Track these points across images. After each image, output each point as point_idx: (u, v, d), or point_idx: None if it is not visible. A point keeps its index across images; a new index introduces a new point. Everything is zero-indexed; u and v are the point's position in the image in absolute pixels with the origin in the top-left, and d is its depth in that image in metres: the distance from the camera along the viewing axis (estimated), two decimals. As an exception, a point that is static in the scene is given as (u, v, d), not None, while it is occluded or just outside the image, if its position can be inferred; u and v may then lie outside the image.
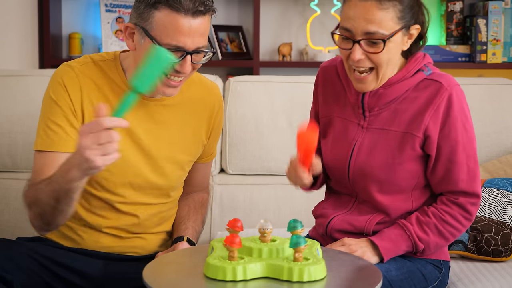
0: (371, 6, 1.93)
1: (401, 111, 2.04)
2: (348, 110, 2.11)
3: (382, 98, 2.05)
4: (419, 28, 2.02)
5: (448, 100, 2.01)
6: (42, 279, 2.01)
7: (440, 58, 3.76)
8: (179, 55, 1.98)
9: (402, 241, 2.03)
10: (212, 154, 2.33)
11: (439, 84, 2.03)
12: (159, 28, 1.96)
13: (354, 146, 2.07)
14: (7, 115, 2.79)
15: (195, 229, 2.25)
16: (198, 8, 1.96)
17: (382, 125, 2.06)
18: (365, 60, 1.98)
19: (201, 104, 2.21)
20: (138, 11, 2.00)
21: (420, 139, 2.02)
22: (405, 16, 1.97)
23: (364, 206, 2.10)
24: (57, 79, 2.08)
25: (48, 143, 2.03)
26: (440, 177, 2.04)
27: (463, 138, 2.02)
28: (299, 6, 3.85)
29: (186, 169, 2.24)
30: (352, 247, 2.01)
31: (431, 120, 2.01)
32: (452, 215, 2.04)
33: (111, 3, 3.72)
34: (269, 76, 2.97)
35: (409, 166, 2.04)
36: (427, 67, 2.06)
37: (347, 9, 1.97)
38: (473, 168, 2.04)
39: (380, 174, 2.04)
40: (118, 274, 2.10)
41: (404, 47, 2.02)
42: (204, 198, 2.37)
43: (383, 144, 2.05)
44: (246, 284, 1.68)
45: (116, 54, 2.14)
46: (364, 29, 1.94)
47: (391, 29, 1.95)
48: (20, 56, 3.71)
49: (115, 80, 2.10)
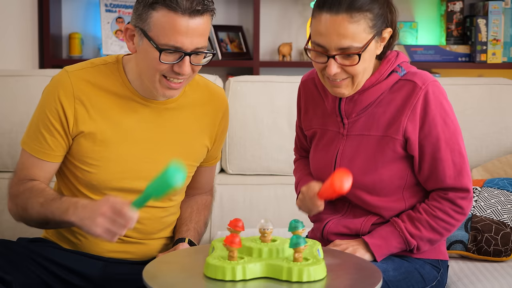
0: (342, 20, 1.91)
1: (378, 114, 2.04)
2: (328, 120, 2.11)
3: (358, 103, 2.04)
4: (391, 31, 2.01)
5: (424, 98, 2.00)
6: (42, 280, 2.01)
7: (440, 58, 3.76)
8: (177, 56, 1.97)
9: (393, 237, 2.02)
10: (216, 158, 2.32)
11: (413, 83, 2.01)
12: (156, 29, 1.95)
13: (337, 155, 2.08)
14: (7, 115, 2.79)
15: (197, 231, 2.24)
16: (195, 7, 1.94)
17: (361, 131, 2.06)
18: (341, 73, 1.97)
19: (206, 108, 2.20)
20: (137, 12, 2.00)
21: (401, 141, 2.01)
22: (376, 24, 1.95)
23: (358, 209, 2.09)
24: (52, 89, 2.09)
25: (34, 149, 2.09)
26: (427, 175, 2.04)
27: (445, 134, 2.01)
28: (299, 6, 3.86)
29: (189, 174, 2.22)
30: (342, 246, 2.01)
31: (408, 121, 2.00)
32: (443, 210, 2.03)
33: (111, 3, 3.72)
34: (269, 76, 2.97)
35: (394, 167, 2.03)
36: (401, 67, 2.04)
37: (317, 24, 1.95)
38: (459, 162, 2.02)
39: (365, 179, 2.04)
40: (118, 275, 2.09)
41: (378, 51, 2.01)
42: (207, 201, 2.36)
43: (364, 149, 2.04)
44: (245, 284, 1.68)
45: (119, 57, 2.13)
46: (338, 45, 1.92)
47: (364, 40, 1.93)
48: (20, 56, 3.71)
49: (116, 82, 2.10)
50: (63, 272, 2.05)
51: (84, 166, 2.09)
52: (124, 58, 2.13)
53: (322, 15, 1.93)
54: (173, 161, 1.75)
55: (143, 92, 2.10)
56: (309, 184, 2.06)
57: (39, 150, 2.08)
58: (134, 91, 2.09)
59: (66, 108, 2.06)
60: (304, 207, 2.09)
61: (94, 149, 2.08)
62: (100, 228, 1.84)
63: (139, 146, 2.10)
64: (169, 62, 1.97)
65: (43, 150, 2.08)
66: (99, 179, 2.08)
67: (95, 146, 2.08)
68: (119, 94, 2.09)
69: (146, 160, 2.11)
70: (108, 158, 2.08)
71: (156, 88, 2.02)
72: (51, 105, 2.07)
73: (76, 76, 2.08)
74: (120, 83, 2.10)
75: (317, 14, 1.95)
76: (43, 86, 2.16)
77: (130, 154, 2.09)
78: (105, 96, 2.09)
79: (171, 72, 1.99)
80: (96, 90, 2.08)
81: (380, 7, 1.95)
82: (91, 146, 2.08)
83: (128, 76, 2.10)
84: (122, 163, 2.09)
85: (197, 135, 2.19)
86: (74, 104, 2.06)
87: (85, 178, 2.09)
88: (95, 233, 1.86)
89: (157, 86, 2.02)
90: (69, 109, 2.06)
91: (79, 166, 2.09)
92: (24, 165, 2.11)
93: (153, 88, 2.04)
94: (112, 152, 2.08)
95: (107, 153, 2.08)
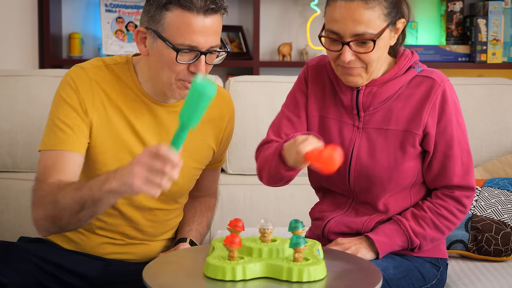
0: (357, 6, 1.92)
1: (397, 109, 2.04)
2: (341, 112, 2.09)
3: (377, 96, 2.04)
4: (405, 22, 2.02)
5: (442, 95, 2.02)
6: (39, 281, 1.99)
7: (440, 58, 3.76)
8: (193, 56, 1.96)
9: (397, 235, 2.03)
10: (221, 161, 2.32)
11: (432, 80, 2.03)
12: (171, 29, 1.94)
13: (352, 149, 2.07)
14: (7, 115, 2.79)
15: (199, 232, 2.24)
16: (209, 6, 1.95)
17: (379, 125, 2.05)
18: (355, 61, 1.97)
19: (213, 111, 2.17)
20: (149, 14, 1.98)
21: (420, 136, 2.03)
22: (391, 12, 1.96)
23: (361, 207, 2.09)
24: (68, 81, 2.05)
25: (57, 142, 2.00)
26: (436, 173, 2.05)
27: (457, 132, 2.03)
28: (299, 6, 3.85)
29: (195, 177, 2.22)
30: (345, 245, 2.01)
31: (429, 116, 2.02)
32: (447, 209, 2.04)
33: (111, 3, 3.71)
34: (269, 76, 2.97)
35: (410, 164, 2.04)
36: (417, 64, 2.07)
37: (332, 11, 1.95)
38: (466, 161, 2.05)
39: (384, 175, 2.03)
40: (118, 275, 2.09)
41: (392, 42, 2.02)
42: (211, 203, 2.35)
43: (383, 144, 2.05)
44: (245, 284, 1.68)
45: (129, 58, 2.12)
46: (353, 31, 1.93)
47: (379, 27, 1.94)
48: (20, 56, 3.71)
49: (127, 83, 2.08)
50: (61, 273, 2.03)
51: (94, 163, 2.06)
52: (133, 58, 2.12)
53: (337, 2, 1.94)
54: (196, 77, 1.63)
55: (153, 94, 2.08)
56: (308, 137, 1.87)
57: (59, 141, 2.00)
58: (144, 93, 2.08)
59: (86, 102, 2.02)
60: (287, 153, 1.93)
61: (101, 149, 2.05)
62: (138, 179, 1.67)
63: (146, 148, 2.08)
64: (185, 62, 1.96)
65: (64, 138, 2.00)
66: None
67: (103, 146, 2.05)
68: (129, 96, 2.08)
69: None
70: (115, 159, 2.05)
71: (172, 90, 2.00)
72: (71, 96, 2.02)
73: (93, 72, 2.06)
74: (130, 85, 2.08)
75: (332, 2, 1.96)
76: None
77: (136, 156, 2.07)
78: (116, 96, 2.07)
79: (187, 74, 1.97)
80: (108, 90, 2.06)
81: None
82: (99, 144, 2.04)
83: (138, 77, 2.09)
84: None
85: (204, 138, 2.18)
86: (93, 100, 2.03)
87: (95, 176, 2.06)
88: (134, 186, 1.68)
89: (173, 87, 1.99)
90: (88, 104, 2.02)
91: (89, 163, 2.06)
92: (45, 167, 2.00)
93: (168, 90, 2.01)
94: (119, 153, 2.06)
95: (114, 154, 2.06)
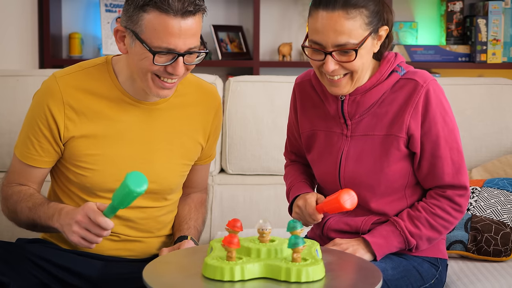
0: (338, 17, 1.93)
1: (382, 114, 2.05)
2: (330, 122, 2.11)
3: (361, 105, 2.06)
4: (387, 29, 2.03)
5: (425, 96, 2.02)
6: (40, 281, 2.01)
7: (440, 58, 3.76)
8: (170, 57, 1.96)
9: (394, 237, 2.04)
10: (211, 156, 2.32)
11: (414, 82, 2.03)
12: (149, 31, 1.94)
13: (341, 156, 2.08)
14: (7, 115, 2.79)
15: (197, 229, 2.25)
16: (187, 8, 1.93)
17: (365, 131, 2.07)
18: (339, 69, 1.99)
19: (198, 107, 2.19)
20: (127, 14, 1.98)
21: (404, 139, 2.03)
22: (372, 21, 1.97)
23: (359, 209, 2.09)
24: (41, 96, 2.09)
25: (25, 156, 2.11)
26: (426, 173, 2.05)
27: (444, 131, 2.03)
28: (299, 6, 3.85)
29: (183, 173, 2.22)
30: (343, 245, 2.02)
31: (411, 119, 2.02)
32: (441, 208, 2.05)
33: (111, 3, 3.72)
34: (269, 76, 2.97)
35: (398, 166, 2.05)
36: (400, 67, 2.07)
37: (314, 22, 1.97)
38: (457, 160, 2.05)
39: (371, 179, 2.05)
40: (118, 274, 2.09)
41: (375, 49, 2.03)
42: (203, 198, 2.36)
43: (369, 149, 2.06)
44: (244, 285, 1.68)
45: (108, 58, 2.12)
46: (334, 41, 1.94)
47: (361, 36, 1.95)
48: (20, 56, 3.71)
49: (106, 84, 2.08)
50: (61, 273, 2.04)
51: (77, 169, 2.09)
52: (113, 59, 2.12)
53: (319, 12, 1.95)
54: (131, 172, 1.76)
55: (134, 93, 2.09)
56: (305, 198, 2.08)
57: (27, 156, 2.10)
58: (125, 92, 2.09)
59: (55, 115, 2.06)
60: (302, 220, 2.09)
61: (86, 152, 2.07)
62: (76, 236, 1.90)
63: (132, 147, 2.10)
64: (162, 63, 1.96)
65: (31, 156, 2.10)
66: (93, 181, 2.08)
67: (87, 150, 2.07)
68: (110, 96, 2.08)
69: (140, 161, 2.10)
70: (101, 160, 2.07)
71: (149, 88, 2.01)
72: (40, 112, 2.07)
73: (65, 82, 2.07)
74: (110, 85, 2.09)
75: (314, 12, 1.97)
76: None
77: (123, 156, 2.09)
78: (95, 99, 2.07)
79: (164, 72, 1.98)
80: (86, 94, 2.07)
81: (376, 4, 1.97)
82: (83, 149, 2.07)
83: (118, 77, 2.09)
84: (115, 165, 2.08)
85: (191, 133, 2.19)
86: (64, 110, 2.06)
87: (78, 181, 2.09)
88: (71, 240, 1.91)
89: (150, 86, 2.01)
90: (59, 116, 2.06)
91: (72, 169, 2.09)
92: (14, 168, 2.14)
93: (146, 88, 2.03)
94: (105, 154, 2.08)
95: (100, 156, 2.08)
